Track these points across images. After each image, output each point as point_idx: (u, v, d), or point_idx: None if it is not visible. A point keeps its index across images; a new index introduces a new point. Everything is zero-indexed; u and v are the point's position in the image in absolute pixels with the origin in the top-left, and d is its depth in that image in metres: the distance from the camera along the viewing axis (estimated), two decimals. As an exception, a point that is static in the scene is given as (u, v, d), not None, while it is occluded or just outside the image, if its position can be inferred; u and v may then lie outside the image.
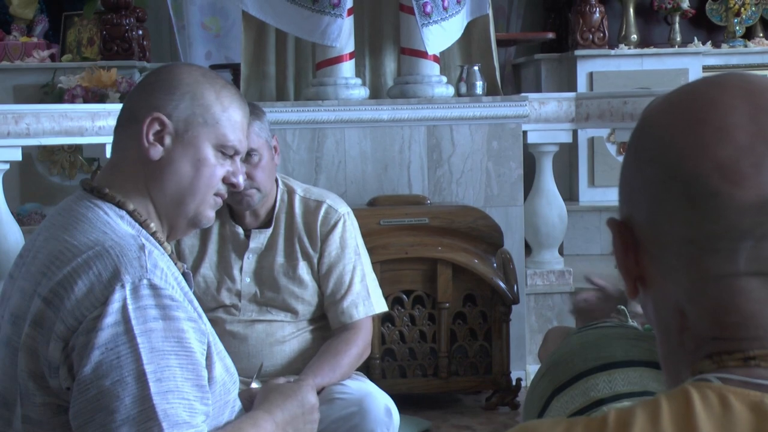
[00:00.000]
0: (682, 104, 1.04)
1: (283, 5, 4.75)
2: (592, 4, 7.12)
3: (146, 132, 1.93)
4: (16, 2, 7.55)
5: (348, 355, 3.31)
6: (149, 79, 2.08)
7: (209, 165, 1.99)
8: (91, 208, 1.91)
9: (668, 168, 1.01)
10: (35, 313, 1.78)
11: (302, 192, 3.43)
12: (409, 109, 4.77)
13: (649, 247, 1.06)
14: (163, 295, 1.79)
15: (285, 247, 3.37)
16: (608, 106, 5.15)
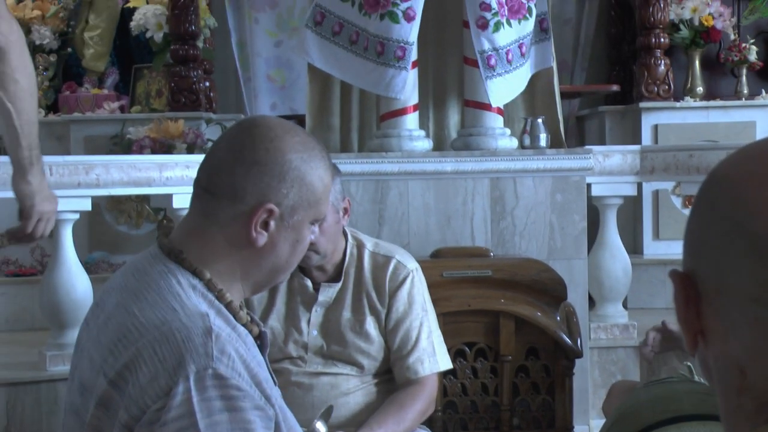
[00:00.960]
0: (755, 159, 1.03)
1: (348, 58, 4.78)
2: (657, 57, 7.08)
3: (255, 222, 1.91)
4: (89, 55, 7.67)
5: (413, 410, 3.32)
6: (255, 154, 1.96)
7: (306, 240, 2.02)
8: (164, 274, 1.90)
9: (737, 223, 1.00)
10: (101, 395, 1.78)
11: (372, 247, 3.44)
12: (472, 161, 4.76)
13: (712, 301, 1.04)
14: (229, 385, 1.76)
15: (353, 302, 3.38)
16: (674, 159, 5.11)
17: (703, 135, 7.01)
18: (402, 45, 4.66)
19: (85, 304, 4.70)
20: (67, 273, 4.81)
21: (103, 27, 7.68)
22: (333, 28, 4.79)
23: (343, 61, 4.80)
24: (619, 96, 7.45)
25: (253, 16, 8.09)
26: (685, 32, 7.43)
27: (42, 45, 7.53)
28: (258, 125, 2.02)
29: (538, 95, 5.20)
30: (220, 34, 7.94)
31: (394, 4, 4.64)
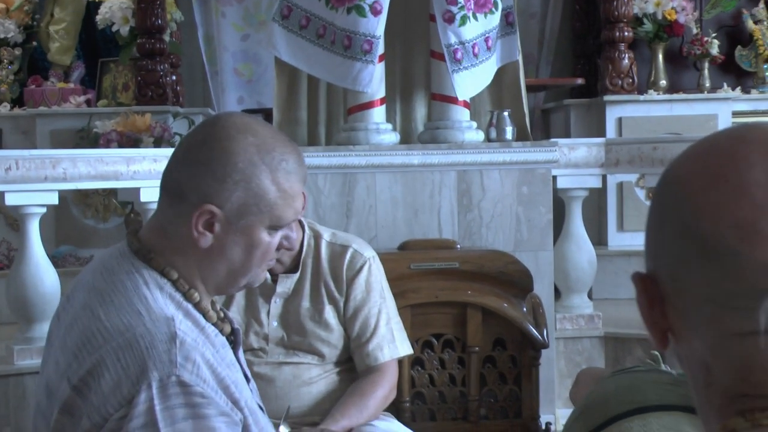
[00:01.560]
0: (702, 159, 1.04)
1: (315, 52, 4.78)
2: (621, 50, 7.13)
3: (195, 222, 1.88)
4: (54, 49, 7.63)
5: (374, 396, 3.33)
6: (200, 152, 1.94)
7: (262, 245, 1.95)
8: (131, 274, 1.88)
9: (687, 225, 1.01)
10: (65, 400, 1.77)
11: (328, 237, 3.45)
12: (439, 154, 4.77)
13: (674, 302, 1.05)
14: (193, 392, 1.74)
15: (311, 292, 3.39)
16: (638, 151, 5.15)
17: (666, 127, 7.07)
18: (369, 39, 4.67)
19: (52, 298, 4.70)
20: (35, 267, 4.80)
21: (69, 20, 7.65)
22: (300, 21, 4.79)
23: (310, 55, 4.80)
24: (583, 89, 7.50)
25: (220, 10, 8.09)
26: (648, 26, 7.48)
27: (6, 38, 7.50)
28: (216, 124, 1.98)
29: (504, 88, 5.22)
30: (186, 27, 7.93)
31: (360, -2, 4.65)
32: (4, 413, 4.73)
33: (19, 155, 4.76)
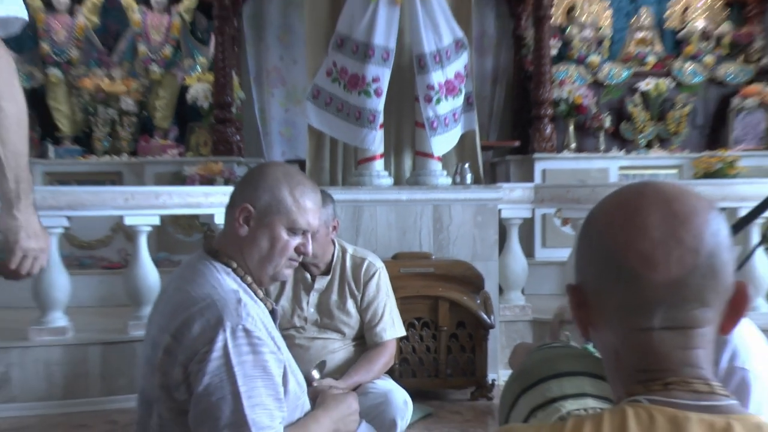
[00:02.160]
0: (615, 207, 1.07)
1: (335, 121, 4.76)
2: (545, 123, 7.13)
3: (237, 216, 1.96)
4: (158, 117, 7.63)
5: (378, 363, 3.33)
6: (248, 175, 2.05)
7: (282, 240, 1.98)
8: (207, 266, 1.94)
9: (606, 255, 1.05)
10: (166, 345, 1.80)
11: (351, 251, 3.49)
12: (420, 193, 4.75)
13: (594, 306, 1.08)
14: (252, 336, 1.79)
15: (338, 289, 3.41)
16: (556, 193, 5.13)
17: (575, 176, 7.05)
18: (373, 113, 4.65)
19: (154, 289, 4.69)
20: (143, 268, 4.78)
21: (168, 98, 7.65)
22: (325, 100, 4.77)
23: (332, 123, 4.79)
24: (519, 149, 7.48)
25: (270, 91, 8.08)
26: (563, 107, 7.49)
27: (127, 110, 7.48)
28: (264, 164, 2.07)
29: (466, 148, 5.20)
30: (247, 103, 7.91)
31: (367, 84, 4.63)
32: (120, 368, 4.69)
33: (134, 190, 4.76)
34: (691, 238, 1.00)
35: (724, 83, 7.93)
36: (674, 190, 1.05)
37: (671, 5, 8.29)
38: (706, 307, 1.02)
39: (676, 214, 1.02)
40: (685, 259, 1.00)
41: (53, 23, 7.57)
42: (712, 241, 1.01)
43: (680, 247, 1.00)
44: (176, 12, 7.63)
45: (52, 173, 7.20)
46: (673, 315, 1.01)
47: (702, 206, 1.03)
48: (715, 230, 1.02)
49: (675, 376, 1.02)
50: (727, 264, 1.02)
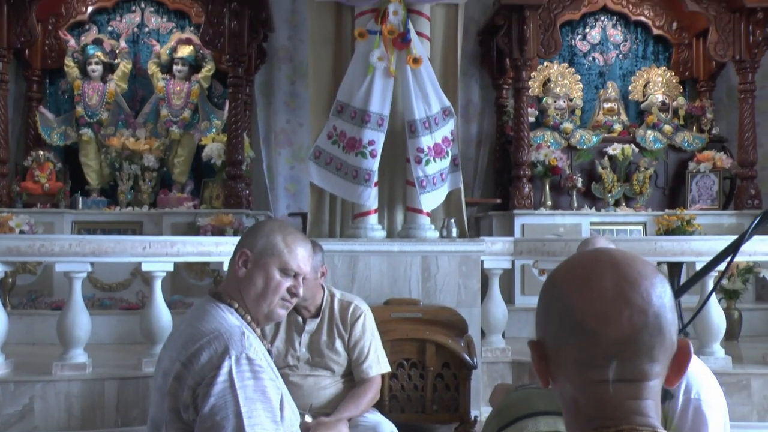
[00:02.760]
0: (573, 271, 1.08)
1: (335, 179, 4.73)
2: (524, 182, 7.12)
3: (237, 260, 2.03)
4: (176, 173, 7.60)
5: (365, 397, 3.35)
6: (250, 228, 2.15)
7: (275, 280, 2.03)
8: (213, 306, 1.98)
9: (564, 315, 1.04)
10: (177, 372, 1.83)
11: (339, 295, 3.50)
12: (410, 245, 4.69)
13: (554, 360, 1.07)
14: (254, 363, 1.83)
15: (327, 330, 3.41)
16: (533, 246, 5.09)
17: (551, 231, 7.03)
18: (368, 172, 4.62)
19: (167, 329, 4.62)
20: (157, 309, 4.71)
21: (186, 155, 7.63)
22: (326, 160, 4.74)
23: (331, 181, 4.75)
24: (501, 206, 7.46)
25: (278, 150, 8.07)
26: (540, 168, 7.48)
27: (148, 166, 7.45)
28: (265, 220, 2.17)
29: (452, 205, 5.15)
30: (256, 161, 7.89)
31: (364, 147, 4.60)
32: (134, 400, 4.61)
33: (151, 239, 4.72)
34: (639, 299, 1.02)
35: (682, 149, 7.97)
36: (625, 256, 1.07)
37: (634, 80, 8.37)
38: (654, 362, 1.03)
39: (627, 277, 1.03)
40: (635, 319, 1.01)
41: (87, 89, 7.59)
42: (658, 303, 1.03)
43: (630, 307, 1.01)
44: (195, 80, 7.66)
45: (80, 222, 7.14)
46: (625, 369, 1.01)
47: (649, 271, 1.05)
48: (660, 293, 1.04)
49: (627, 424, 1.02)
50: (672, 323, 1.04)
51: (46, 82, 8.02)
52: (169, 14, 8.08)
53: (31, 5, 6.91)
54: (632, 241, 5.79)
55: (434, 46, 5.05)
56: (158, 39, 7.93)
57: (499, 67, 8.14)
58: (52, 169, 7.44)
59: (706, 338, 4.89)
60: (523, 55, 7.05)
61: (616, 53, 8.49)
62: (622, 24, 8.49)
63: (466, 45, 7.80)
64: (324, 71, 5.02)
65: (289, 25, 8.05)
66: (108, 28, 8.00)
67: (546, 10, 7.15)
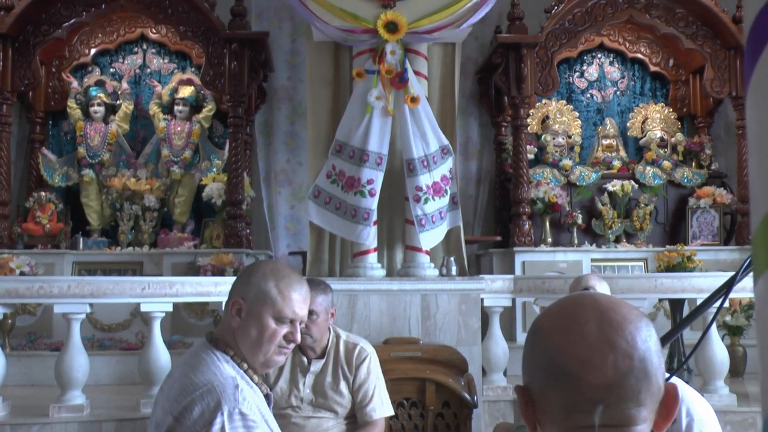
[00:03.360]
0: (557, 317, 1.07)
1: (334, 218, 4.74)
2: (524, 220, 7.11)
3: (231, 309, 1.99)
4: (176, 212, 7.61)
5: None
6: (242, 272, 2.10)
7: (269, 329, 1.97)
8: (209, 354, 1.94)
9: (548, 360, 1.04)
10: (168, 426, 1.80)
11: (345, 337, 3.48)
12: (410, 284, 4.68)
13: (540, 405, 1.06)
14: (247, 419, 1.78)
15: (332, 371, 3.38)
16: (533, 283, 5.07)
17: (551, 268, 7.01)
18: (367, 211, 4.63)
19: (165, 370, 4.59)
20: (156, 350, 4.70)
21: (186, 195, 7.65)
22: (325, 199, 4.75)
23: (331, 220, 4.76)
24: (501, 243, 7.45)
25: (278, 190, 8.08)
26: (540, 205, 7.48)
27: (149, 206, 7.46)
28: (256, 262, 2.11)
29: (451, 243, 5.15)
30: (257, 200, 7.90)
31: (362, 186, 4.62)
32: (131, 443, 4.56)
33: (151, 280, 4.72)
34: (624, 343, 1.01)
35: (682, 185, 7.98)
36: (609, 301, 1.06)
37: (632, 117, 8.41)
38: (641, 407, 1.01)
39: (611, 322, 1.02)
40: (620, 363, 1.00)
41: (90, 130, 7.64)
42: (644, 347, 1.02)
43: (615, 352, 1.00)
44: (196, 120, 7.71)
45: (81, 262, 7.13)
46: (611, 414, 1.00)
47: (633, 316, 1.05)
48: (645, 337, 1.03)
49: None
50: (658, 368, 1.03)
51: (49, 124, 8.08)
52: (170, 55, 8.16)
53: (35, 49, 7.00)
54: (632, 278, 5.77)
55: (432, 85, 5.09)
56: (160, 80, 8.01)
57: (497, 105, 8.19)
58: (54, 209, 7.46)
59: (709, 375, 4.85)
60: (521, 93, 7.11)
61: (614, 90, 8.55)
62: (619, 61, 8.56)
63: (464, 83, 7.88)
64: (323, 111, 5.06)
65: (289, 65, 8.12)
66: (110, 69, 8.08)
67: (543, 48, 7.21)
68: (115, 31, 7.98)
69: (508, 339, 5.53)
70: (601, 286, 3.25)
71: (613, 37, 8.38)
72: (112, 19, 7.77)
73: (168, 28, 7.74)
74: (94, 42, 7.95)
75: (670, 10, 7.36)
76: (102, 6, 7.10)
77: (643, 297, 4.87)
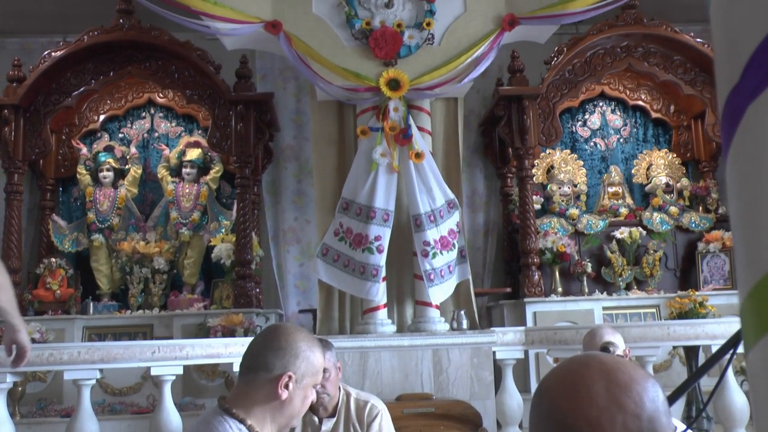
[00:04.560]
0: (564, 378, 1.07)
1: (343, 275, 4.74)
2: (533, 270, 7.08)
3: (282, 384, 1.94)
4: (186, 274, 7.62)
5: None
6: (279, 343, 2.01)
7: (310, 396, 2.02)
8: (221, 422, 1.90)
9: (558, 421, 1.03)
10: None
11: (355, 395, 3.45)
12: (421, 339, 4.65)
13: None
14: None
15: (344, 430, 3.37)
16: (545, 334, 5.02)
17: (562, 318, 6.95)
18: (376, 267, 4.63)
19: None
20: (166, 413, 4.65)
21: (195, 257, 7.66)
22: (333, 257, 4.76)
23: (340, 278, 4.76)
24: (512, 294, 7.40)
25: (286, 248, 8.10)
26: (548, 255, 7.45)
27: (159, 269, 7.48)
28: (279, 327, 2.06)
29: (461, 296, 5.14)
30: (266, 259, 7.91)
31: (370, 242, 4.63)
32: None
33: (160, 343, 4.71)
34: (632, 404, 1.01)
35: (690, 230, 7.95)
36: (614, 361, 1.07)
37: (637, 163, 8.44)
38: None
39: (618, 382, 1.02)
40: (629, 424, 0.99)
41: (99, 195, 7.72)
42: (652, 407, 1.01)
43: (623, 413, 1.00)
44: (204, 182, 7.78)
45: (91, 327, 7.12)
46: None
47: (640, 376, 1.05)
48: (653, 397, 1.03)
49: None
50: (666, 427, 1.02)
51: (59, 190, 8.16)
52: (177, 119, 8.28)
53: (45, 118, 7.12)
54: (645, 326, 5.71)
55: (436, 140, 5.14)
56: (167, 143, 8.11)
57: (502, 157, 8.24)
58: (64, 275, 7.48)
59: (729, 424, 4.76)
60: (525, 144, 7.15)
61: (617, 137, 8.59)
62: (620, 109, 8.62)
63: (468, 136, 7.94)
64: (329, 169, 5.10)
65: (294, 124, 8.22)
66: (119, 134, 8.19)
67: (545, 99, 7.29)
68: (123, 97, 8.12)
69: (522, 390, 5.47)
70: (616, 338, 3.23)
71: (614, 86, 8.47)
72: (120, 85, 7.92)
73: (175, 92, 7.87)
74: (103, 108, 8.09)
75: (668, 58, 7.45)
76: (110, 74, 7.24)
77: (656, 345, 4.82)
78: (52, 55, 6.99)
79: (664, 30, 7.33)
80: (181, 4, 4.94)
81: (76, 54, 7.04)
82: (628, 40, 7.42)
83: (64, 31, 7.79)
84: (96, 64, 7.18)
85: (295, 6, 5.13)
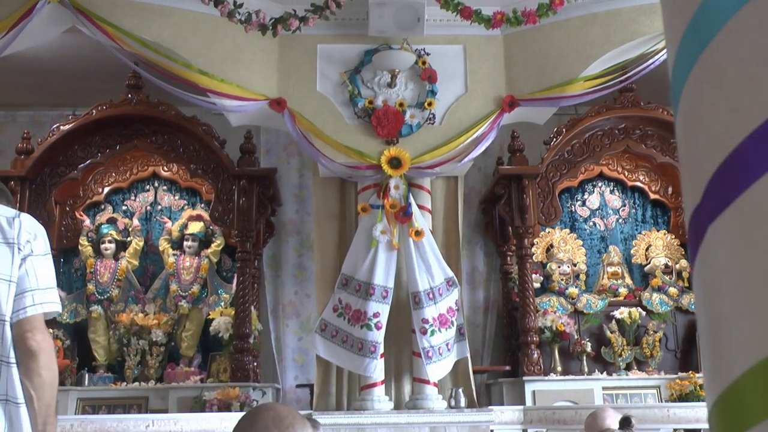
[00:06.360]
0: None
1: (341, 351, 4.75)
2: (532, 349, 7.04)
3: None
4: (184, 347, 7.59)
5: None
6: (242, 422, 1.93)
7: None
8: None
9: None
10: None
11: None
12: (418, 416, 4.63)
13: None
14: None
15: None
16: (544, 414, 5.00)
17: (562, 397, 6.87)
18: (374, 344, 4.64)
19: None
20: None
21: (194, 329, 7.65)
22: (332, 332, 4.78)
23: (338, 353, 4.77)
24: (511, 372, 7.35)
25: (285, 322, 8.09)
26: (548, 334, 7.44)
27: (157, 341, 7.46)
28: (256, 410, 1.97)
29: (459, 374, 5.13)
30: (264, 333, 7.89)
31: (369, 319, 4.65)
32: None
33: (155, 417, 4.69)
34: None
35: (690, 311, 7.95)
36: None
37: (636, 244, 8.49)
38: None
39: None
40: None
41: (100, 267, 7.76)
42: None
43: None
44: (205, 255, 7.83)
45: (86, 399, 7.05)
46: None
47: None
48: None
49: None
50: None
51: (61, 261, 8.20)
52: (181, 192, 8.39)
53: (50, 190, 7.23)
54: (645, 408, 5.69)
55: (436, 218, 5.22)
56: (170, 216, 8.20)
57: (502, 235, 8.31)
58: (61, 346, 7.46)
59: None
60: (525, 223, 7.23)
61: (616, 218, 8.68)
62: (619, 189, 8.73)
63: (469, 213, 8.03)
64: (329, 245, 5.17)
65: (297, 199, 8.32)
66: (122, 207, 8.29)
67: (544, 178, 7.40)
68: (128, 170, 8.25)
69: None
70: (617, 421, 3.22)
71: (612, 167, 8.60)
72: (125, 158, 8.06)
73: (179, 166, 8.00)
74: (108, 181, 8.21)
75: (665, 140, 7.60)
76: (117, 147, 7.39)
77: (656, 427, 4.78)
78: (61, 128, 7.15)
79: (660, 113, 7.50)
80: (189, 81, 5.10)
81: (84, 127, 7.20)
82: (626, 122, 7.59)
83: (73, 105, 7.99)
84: (103, 137, 7.34)
85: (300, 84, 5.29)
